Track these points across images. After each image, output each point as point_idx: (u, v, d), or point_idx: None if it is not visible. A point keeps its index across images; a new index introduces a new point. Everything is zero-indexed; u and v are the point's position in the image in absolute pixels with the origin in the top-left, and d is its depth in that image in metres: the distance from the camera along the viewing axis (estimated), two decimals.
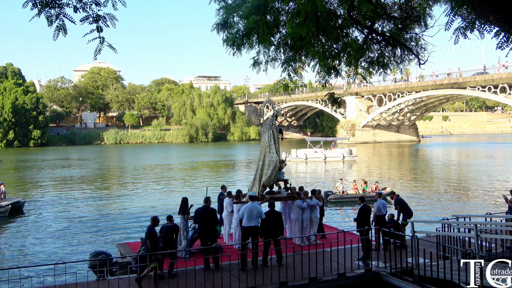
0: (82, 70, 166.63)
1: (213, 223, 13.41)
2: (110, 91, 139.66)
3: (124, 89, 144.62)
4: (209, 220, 13.34)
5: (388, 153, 78.40)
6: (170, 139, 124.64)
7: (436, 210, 28.46)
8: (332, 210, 28.43)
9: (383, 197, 30.67)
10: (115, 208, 29.96)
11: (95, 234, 22.98)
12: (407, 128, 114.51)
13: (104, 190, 39.03)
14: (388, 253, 13.12)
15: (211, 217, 13.41)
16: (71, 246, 20.61)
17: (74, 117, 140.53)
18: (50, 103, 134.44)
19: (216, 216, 13.77)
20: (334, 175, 48.69)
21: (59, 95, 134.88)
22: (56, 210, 29.51)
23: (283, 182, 16.55)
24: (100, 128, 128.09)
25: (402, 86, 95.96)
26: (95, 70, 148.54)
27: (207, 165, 61.71)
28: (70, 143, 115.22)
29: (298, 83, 11.81)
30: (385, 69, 11.78)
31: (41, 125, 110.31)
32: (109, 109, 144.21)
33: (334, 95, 12.67)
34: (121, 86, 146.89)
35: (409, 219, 15.59)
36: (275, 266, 12.97)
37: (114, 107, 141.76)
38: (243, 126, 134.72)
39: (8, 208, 27.16)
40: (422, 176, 45.20)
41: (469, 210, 27.48)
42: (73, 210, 29.64)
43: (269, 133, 16.24)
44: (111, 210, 29.28)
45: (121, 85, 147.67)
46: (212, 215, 13.47)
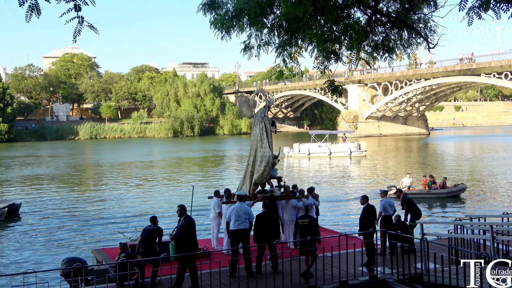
0: (52, 56, 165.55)
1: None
2: (84, 80, 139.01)
3: (100, 77, 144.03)
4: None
5: (395, 148, 78.68)
6: (152, 133, 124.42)
7: (447, 210, 28.62)
8: (331, 211, 28.44)
9: (455, 193, 31.28)
10: (90, 210, 29.88)
11: (68, 239, 22.90)
12: (415, 119, 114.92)
13: (78, 190, 38.90)
14: (395, 258, 13.17)
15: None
16: (41, 253, 20.54)
17: (44, 109, 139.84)
18: (17, 94, 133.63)
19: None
20: (341, 172, 48.89)
21: (27, 85, 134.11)
22: (22, 212, 29.34)
23: (277, 180, 16.57)
24: (73, 122, 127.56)
25: (410, 73, 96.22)
26: (67, 57, 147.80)
27: (193, 162, 61.66)
28: (40, 138, 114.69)
29: (294, 70, 11.83)
30: (390, 53, 11.81)
31: (9, 118, 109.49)
32: (83, 100, 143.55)
33: (335, 83, 12.69)
34: (97, 74, 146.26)
35: (417, 220, 15.67)
36: (270, 273, 12.99)
37: (89, 98, 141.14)
38: (234, 119, 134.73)
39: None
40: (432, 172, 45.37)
41: (484, 210, 27.65)
42: (42, 213, 29.52)
43: (260, 126, 16.24)
44: (85, 212, 29.20)
45: (97, 73, 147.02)
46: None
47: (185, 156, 69.86)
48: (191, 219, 12.70)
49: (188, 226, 12.51)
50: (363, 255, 13.98)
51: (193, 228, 12.60)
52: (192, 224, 12.60)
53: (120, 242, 13.81)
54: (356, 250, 13.61)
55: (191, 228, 12.54)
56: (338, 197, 33.28)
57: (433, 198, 31.23)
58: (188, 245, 12.37)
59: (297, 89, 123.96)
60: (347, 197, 33.14)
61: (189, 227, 12.52)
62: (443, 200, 30.82)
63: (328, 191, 35.75)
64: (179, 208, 12.89)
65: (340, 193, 34.95)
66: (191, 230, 12.51)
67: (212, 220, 16.72)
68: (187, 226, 12.50)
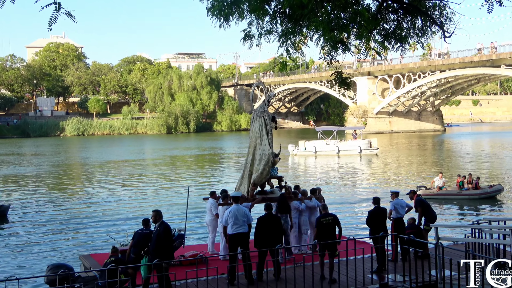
0: (36, 46, 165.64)
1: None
2: (70, 72, 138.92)
3: (87, 69, 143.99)
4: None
5: (408, 145, 78.68)
6: (144, 130, 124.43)
7: (464, 213, 28.65)
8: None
9: (489, 194, 31.18)
10: (77, 213, 29.90)
11: (53, 243, 22.92)
12: (429, 115, 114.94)
13: (64, 191, 38.94)
14: (407, 264, 13.19)
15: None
16: (24, 258, 20.56)
17: (27, 103, 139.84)
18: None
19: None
20: (350, 172, 48.95)
21: (8, 77, 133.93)
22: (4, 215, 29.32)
23: (277, 180, 16.57)
24: (58, 117, 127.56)
25: (424, 64, 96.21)
26: (52, 47, 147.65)
27: (188, 160, 61.69)
28: (22, 135, 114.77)
29: (298, 61, 11.83)
30: (403, 43, 11.80)
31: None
32: (70, 93, 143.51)
33: (342, 75, 12.69)
34: (84, 65, 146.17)
35: (432, 223, 15.68)
36: (272, 280, 13.02)
37: (75, 91, 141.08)
38: (233, 114, 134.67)
39: None
40: (448, 172, 45.42)
41: (504, 213, 27.65)
42: (25, 216, 29.51)
43: (260, 122, 16.23)
44: (72, 215, 29.19)
45: (84, 65, 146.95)
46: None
47: (180, 154, 69.89)
48: (167, 226, 12.46)
49: (164, 234, 12.27)
50: (373, 262, 14.00)
51: (168, 236, 12.39)
52: (167, 231, 12.39)
53: (113, 246, 13.83)
54: (365, 256, 13.61)
55: (166, 236, 12.31)
56: (346, 198, 33.30)
57: (464, 199, 31.07)
58: (163, 255, 12.16)
59: (302, 81, 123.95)
60: (356, 199, 33.18)
61: (164, 235, 12.28)
62: (475, 202, 30.62)
63: (335, 192, 35.80)
64: (153, 213, 12.60)
65: (349, 195, 34.98)
66: (166, 238, 12.29)
67: (208, 223, 16.72)
68: (162, 234, 12.25)
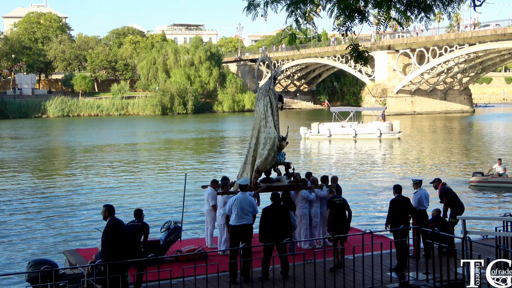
0: (14, 16, 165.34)
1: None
2: (53, 45, 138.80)
3: (72, 42, 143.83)
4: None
5: (433, 128, 78.45)
6: (136, 111, 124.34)
7: (495, 204, 28.62)
8: None
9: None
10: (62, 204, 29.97)
11: (35, 237, 23.02)
12: (457, 94, 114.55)
13: (46, 179, 39.02)
14: (430, 261, 13.20)
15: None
16: (3, 254, 20.68)
17: (4, 80, 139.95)
18: None
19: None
20: (368, 158, 48.91)
21: None
22: None
23: (284, 166, 16.52)
24: (40, 96, 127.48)
25: (451, 36, 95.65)
26: (32, 18, 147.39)
27: (186, 144, 61.72)
28: (0, 116, 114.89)
29: (309, 33, 11.74)
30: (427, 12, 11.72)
31: None
32: (53, 69, 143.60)
33: (359, 48, 12.61)
34: (68, 38, 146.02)
35: (459, 215, 15.66)
36: (279, 279, 13.07)
37: (59, 67, 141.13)
38: (235, 93, 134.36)
39: None
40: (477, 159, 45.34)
41: None
42: (2, 206, 29.61)
43: (265, 101, 16.11)
44: (56, 206, 29.27)
45: (68, 37, 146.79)
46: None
47: (176, 138, 69.98)
48: (111, 224, 11.81)
49: (105, 233, 11.80)
50: (392, 258, 14.02)
51: (110, 234, 11.78)
52: (110, 229, 11.78)
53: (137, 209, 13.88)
54: (384, 252, 13.63)
55: (108, 234, 11.76)
56: (363, 188, 33.24)
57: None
58: (106, 257, 11.79)
59: (313, 56, 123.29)
60: (374, 189, 33.15)
61: (106, 234, 11.77)
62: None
63: (351, 181, 35.80)
64: (104, 208, 12.07)
65: (366, 184, 34.96)
66: (107, 236, 11.77)
67: (205, 214, 16.78)
68: (103, 233, 11.84)
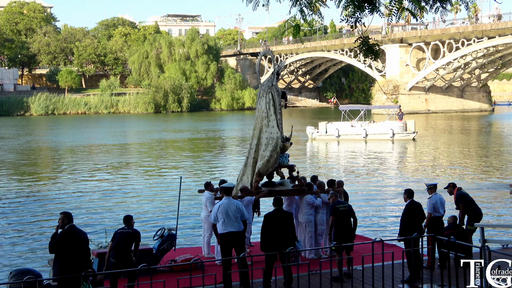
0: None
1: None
2: (37, 38, 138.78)
3: (58, 34, 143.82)
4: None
5: (449, 128, 78.32)
6: (127, 108, 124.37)
7: None
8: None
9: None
10: (46, 209, 29.93)
11: (18, 246, 23.04)
12: (475, 91, 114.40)
13: (28, 182, 38.97)
14: (446, 272, 13.21)
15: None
16: None
17: None
18: None
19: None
20: (379, 160, 48.86)
21: None
22: None
23: (288, 169, 16.51)
24: (23, 92, 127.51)
25: (469, 29, 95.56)
26: (15, 7, 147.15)
27: (180, 145, 61.75)
28: None
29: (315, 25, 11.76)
30: (443, 3, 11.73)
31: None
32: (37, 63, 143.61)
33: (369, 41, 12.62)
34: (54, 29, 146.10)
35: (477, 222, 15.66)
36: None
37: (43, 61, 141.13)
38: (235, 89, 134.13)
39: None
40: (495, 161, 45.35)
41: None
42: None
43: (267, 99, 16.11)
44: (39, 212, 29.28)
45: (54, 29, 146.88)
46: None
47: (170, 138, 69.94)
48: (65, 232, 11.87)
49: (61, 242, 11.74)
50: (404, 268, 14.03)
51: (70, 243, 11.74)
52: (62, 236, 11.82)
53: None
54: (395, 262, 13.62)
55: (67, 243, 11.73)
56: (374, 193, 33.21)
57: None
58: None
59: (319, 50, 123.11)
60: (385, 193, 33.16)
61: (63, 242, 11.73)
62: None
63: (360, 185, 35.77)
64: (61, 216, 12.12)
65: (377, 188, 34.92)
66: (66, 245, 11.73)
67: (203, 220, 16.80)
68: (61, 241, 11.78)
